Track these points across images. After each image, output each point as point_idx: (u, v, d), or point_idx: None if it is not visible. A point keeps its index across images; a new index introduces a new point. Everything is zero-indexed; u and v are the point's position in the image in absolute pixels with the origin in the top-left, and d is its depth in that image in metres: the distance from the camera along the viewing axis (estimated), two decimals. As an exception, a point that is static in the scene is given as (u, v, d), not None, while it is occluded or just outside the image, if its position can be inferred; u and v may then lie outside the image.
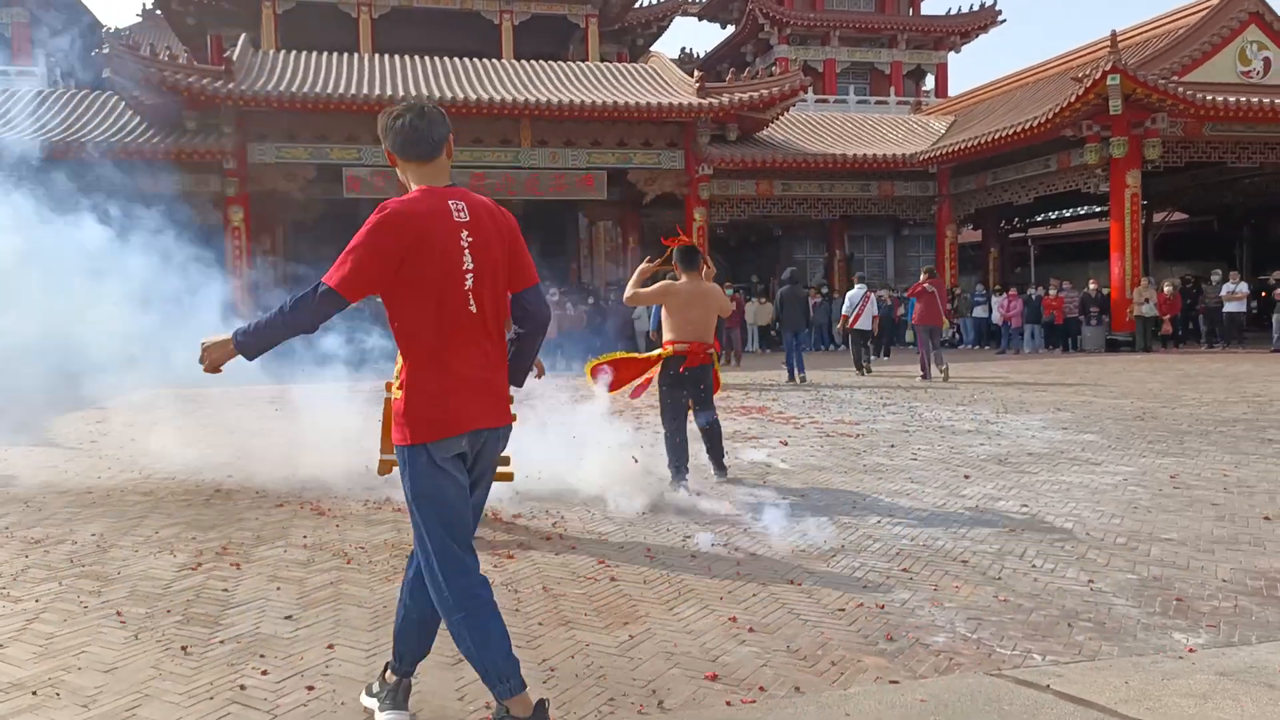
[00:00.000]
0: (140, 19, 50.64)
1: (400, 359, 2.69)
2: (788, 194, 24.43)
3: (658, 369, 6.17)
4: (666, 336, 6.14)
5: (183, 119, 20.38)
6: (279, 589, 4.13)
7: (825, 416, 9.81)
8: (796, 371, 13.99)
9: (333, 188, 21.34)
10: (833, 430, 8.78)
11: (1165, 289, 19.05)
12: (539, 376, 4.73)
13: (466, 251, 2.59)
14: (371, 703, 2.85)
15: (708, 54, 38.93)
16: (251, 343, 2.63)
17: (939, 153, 22.73)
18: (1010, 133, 19.60)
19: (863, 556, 4.47)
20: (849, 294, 15.66)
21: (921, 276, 14.40)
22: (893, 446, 7.73)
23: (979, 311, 22.56)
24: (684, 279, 6.15)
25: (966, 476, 6.38)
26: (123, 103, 21.16)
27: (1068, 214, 30.09)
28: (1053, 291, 20.56)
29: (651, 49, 34.16)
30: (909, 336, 20.80)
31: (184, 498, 6.14)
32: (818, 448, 7.78)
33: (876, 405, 10.80)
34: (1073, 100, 18.10)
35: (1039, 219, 30.73)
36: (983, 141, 20.59)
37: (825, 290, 23.94)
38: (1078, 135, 19.06)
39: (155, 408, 9.01)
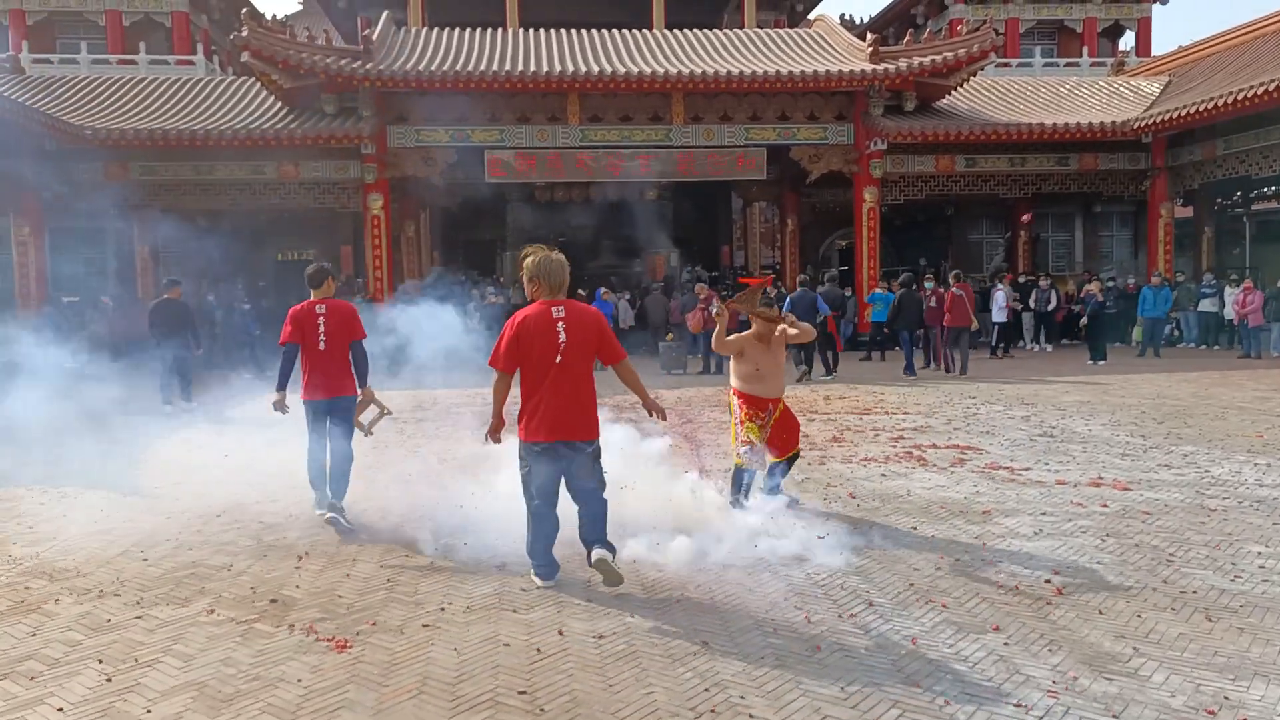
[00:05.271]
0: (301, 6, 51.63)
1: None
2: (971, 170, 21.63)
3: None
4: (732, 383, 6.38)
5: (320, 103, 19.54)
6: None
7: (1072, 470, 7.47)
8: (918, 366, 15.36)
9: (474, 172, 20.07)
10: (1093, 497, 6.52)
11: None
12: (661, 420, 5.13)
13: (321, 323, 6.02)
14: None
15: (873, 18, 35.85)
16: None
17: (1160, 119, 19.38)
18: (1262, 91, 16.21)
19: None
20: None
21: (950, 281, 15.89)
22: (1210, 545, 5.39)
23: (1206, 305, 19.19)
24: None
25: (1382, 631, 4.07)
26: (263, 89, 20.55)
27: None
28: (1308, 283, 17.09)
29: (811, 14, 31.57)
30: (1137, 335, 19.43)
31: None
32: (1090, 536, 5.55)
33: (1134, 450, 8.31)
34: (1352, 49, 14.69)
35: (1267, 191, 26.37)
36: (1224, 103, 17.21)
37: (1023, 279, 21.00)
38: (1351, 93, 15.58)
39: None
